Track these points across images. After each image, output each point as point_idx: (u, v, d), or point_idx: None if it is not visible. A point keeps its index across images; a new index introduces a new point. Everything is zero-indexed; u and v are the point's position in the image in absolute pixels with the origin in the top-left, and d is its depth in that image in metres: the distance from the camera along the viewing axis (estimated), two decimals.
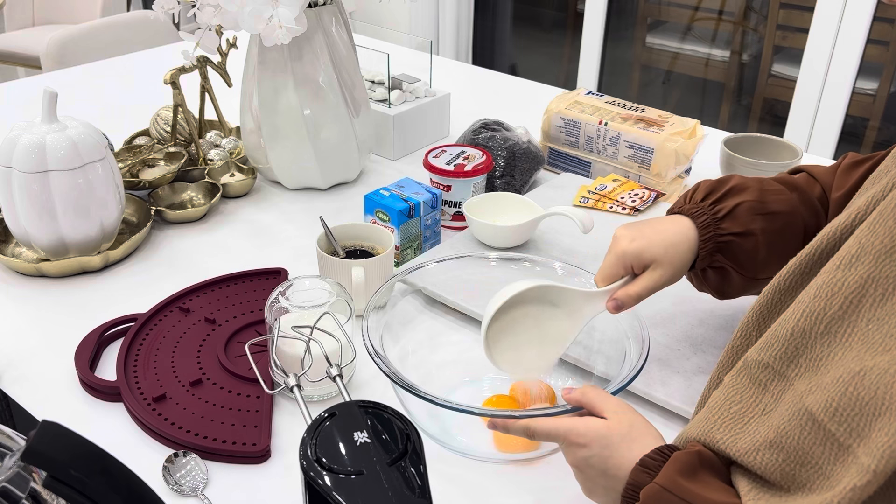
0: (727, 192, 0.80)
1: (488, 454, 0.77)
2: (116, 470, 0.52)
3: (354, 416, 0.56)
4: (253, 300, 0.98)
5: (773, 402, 0.54)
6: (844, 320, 0.51)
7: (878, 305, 0.49)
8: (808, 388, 0.51)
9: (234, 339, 0.91)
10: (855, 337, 0.50)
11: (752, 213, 0.78)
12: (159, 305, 0.95)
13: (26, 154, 0.97)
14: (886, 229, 0.50)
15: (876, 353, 0.48)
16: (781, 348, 0.55)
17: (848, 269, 0.51)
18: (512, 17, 3.64)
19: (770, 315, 0.61)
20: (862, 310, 0.50)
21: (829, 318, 0.52)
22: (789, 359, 0.54)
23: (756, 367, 0.57)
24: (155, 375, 0.85)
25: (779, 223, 0.79)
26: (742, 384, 0.58)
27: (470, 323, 0.94)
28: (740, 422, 0.56)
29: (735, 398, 0.58)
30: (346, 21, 1.20)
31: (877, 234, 0.51)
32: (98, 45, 2.11)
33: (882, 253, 0.50)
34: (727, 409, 0.58)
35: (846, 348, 0.50)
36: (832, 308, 0.52)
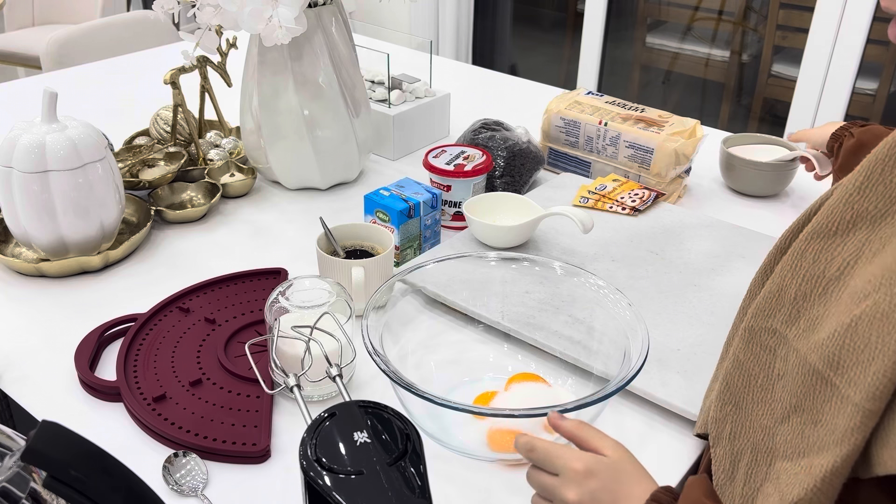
0: None
1: (488, 454, 0.77)
2: (116, 470, 0.52)
3: (354, 416, 0.56)
4: (253, 300, 0.98)
5: (784, 365, 0.57)
6: (840, 280, 0.54)
7: (869, 262, 0.52)
8: (810, 347, 0.53)
9: (234, 339, 0.91)
10: (846, 295, 0.52)
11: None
12: (159, 305, 0.95)
13: (26, 154, 0.97)
14: (878, 194, 0.53)
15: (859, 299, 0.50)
16: (786, 313, 0.57)
17: (846, 235, 0.54)
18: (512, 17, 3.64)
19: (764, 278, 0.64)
20: (857, 269, 0.53)
21: (827, 280, 0.54)
22: (791, 322, 0.57)
23: (765, 333, 0.59)
24: (155, 375, 0.85)
25: None
26: (756, 353, 0.60)
27: (470, 323, 0.94)
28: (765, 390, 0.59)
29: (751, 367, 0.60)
30: (346, 21, 1.20)
31: (869, 199, 0.53)
32: (98, 45, 2.11)
33: (878, 217, 0.52)
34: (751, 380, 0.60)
35: (838, 304, 0.53)
36: (831, 270, 0.54)
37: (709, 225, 1.12)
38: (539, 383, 0.83)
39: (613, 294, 0.84)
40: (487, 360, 0.90)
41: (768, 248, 0.66)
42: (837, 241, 0.55)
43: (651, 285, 0.98)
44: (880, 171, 0.53)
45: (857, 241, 0.54)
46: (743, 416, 0.61)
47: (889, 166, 0.52)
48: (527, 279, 0.91)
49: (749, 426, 0.61)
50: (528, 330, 0.89)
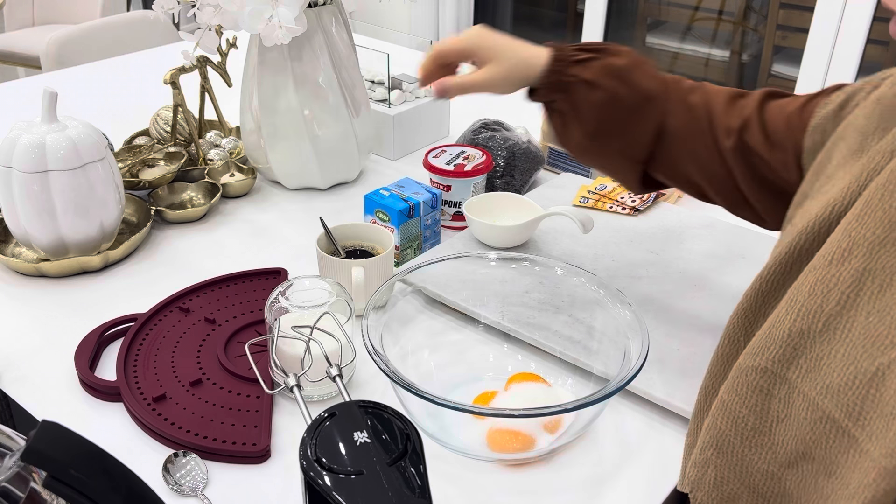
0: (601, 50, 0.78)
1: (488, 454, 0.77)
2: (116, 470, 0.52)
3: (354, 416, 0.56)
4: (253, 300, 0.98)
5: (785, 407, 0.53)
6: (843, 316, 0.50)
7: (877, 297, 0.49)
8: (820, 391, 0.50)
9: (234, 339, 0.91)
10: (855, 331, 0.49)
11: (608, 71, 0.77)
12: (159, 305, 0.95)
13: (26, 154, 0.97)
14: (877, 220, 0.50)
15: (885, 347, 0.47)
16: (779, 351, 0.54)
17: (841, 264, 0.51)
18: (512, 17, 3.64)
19: (756, 318, 0.59)
20: (860, 303, 0.49)
21: (826, 315, 0.51)
22: (788, 361, 0.53)
23: (753, 372, 0.55)
24: (155, 375, 0.85)
25: (633, 98, 0.77)
26: (742, 393, 0.56)
27: (470, 323, 0.94)
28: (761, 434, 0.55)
29: (741, 412, 0.56)
30: (346, 21, 1.20)
31: (867, 225, 0.50)
32: (98, 45, 2.11)
33: (876, 244, 0.49)
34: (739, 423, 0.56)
35: (847, 344, 0.49)
36: (829, 304, 0.51)
37: (709, 225, 1.12)
38: (539, 383, 0.83)
39: (613, 294, 0.84)
40: (487, 360, 0.90)
41: (769, 248, 0.65)
42: (832, 271, 0.51)
43: (651, 285, 0.98)
44: (879, 197, 0.50)
45: (853, 269, 0.50)
46: (731, 461, 0.58)
47: (889, 191, 0.50)
48: (527, 279, 0.91)
49: (741, 471, 0.57)
50: (528, 330, 0.89)
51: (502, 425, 0.77)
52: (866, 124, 0.58)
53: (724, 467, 0.58)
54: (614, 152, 0.81)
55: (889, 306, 0.48)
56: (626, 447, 0.79)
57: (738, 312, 0.61)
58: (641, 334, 0.76)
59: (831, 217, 0.55)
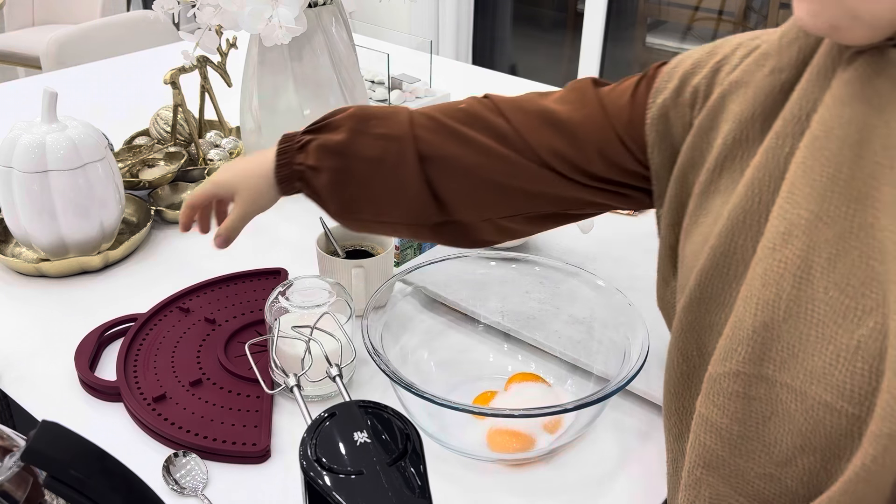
0: (321, 127, 0.77)
1: (488, 454, 0.77)
2: (116, 470, 0.52)
3: (354, 416, 0.56)
4: (253, 300, 0.98)
5: (769, 406, 0.52)
6: (801, 297, 0.49)
7: (829, 271, 0.48)
8: (805, 378, 0.49)
9: (234, 339, 0.91)
10: (820, 310, 0.49)
11: (326, 151, 0.75)
12: (159, 305, 0.95)
13: (26, 154, 0.97)
14: (806, 197, 0.49)
15: (858, 318, 0.47)
16: (748, 350, 0.52)
17: (785, 248, 0.50)
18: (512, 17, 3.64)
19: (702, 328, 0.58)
20: (814, 280, 0.49)
21: (786, 301, 0.50)
22: (760, 357, 0.52)
23: (726, 379, 0.54)
24: (155, 375, 0.85)
25: (365, 166, 0.75)
26: (720, 403, 0.54)
27: (470, 323, 0.94)
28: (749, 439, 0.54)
29: (722, 422, 0.54)
30: (346, 21, 1.20)
31: (799, 204, 0.50)
32: (98, 45, 2.11)
33: (812, 220, 0.49)
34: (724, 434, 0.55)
35: (817, 324, 0.49)
36: (785, 290, 0.50)
37: None
38: (539, 383, 0.83)
39: (613, 294, 0.84)
40: (487, 360, 0.90)
41: None
42: (778, 256, 0.51)
43: (651, 285, 0.98)
44: (802, 175, 0.50)
45: (798, 249, 0.50)
46: (724, 475, 0.56)
47: (809, 167, 0.50)
48: (527, 279, 0.91)
49: (737, 482, 0.55)
50: (528, 330, 0.89)
51: (502, 425, 0.77)
52: (741, 111, 0.57)
53: (718, 483, 0.56)
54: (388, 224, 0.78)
55: (845, 277, 0.48)
56: (626, 447, 0.79)
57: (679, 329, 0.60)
58: (641, 334, 0.76)
59: (753, 206, 0.54)
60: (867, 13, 0.43)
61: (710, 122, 0.61)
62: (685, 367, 0.61)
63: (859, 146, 0.47)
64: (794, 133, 0.52)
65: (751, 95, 0.57)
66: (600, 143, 0.69)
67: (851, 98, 0.48)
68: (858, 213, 0.47)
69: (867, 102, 0.47)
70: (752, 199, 0.54)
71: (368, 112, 0.77)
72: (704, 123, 0.61)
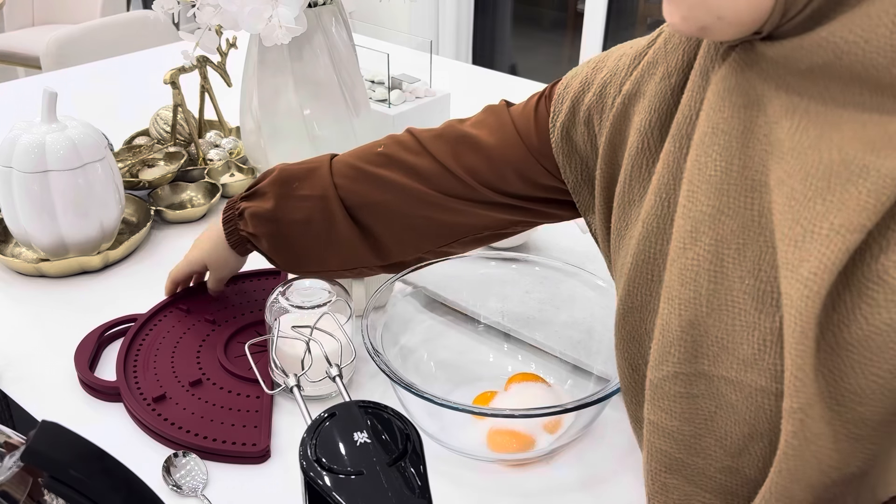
0: (251, 195, 0.83)
1: (488, 454, 0.77)
2: (116, 470, 0.52)
3: (354, 417, 0.56)
4: (253, 300, 0.98)
5: (713, 400, 0.53)
6: (720, 290, 0.50)
7: (740, 261, 0.49)
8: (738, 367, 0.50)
9: (235, 340, 0.91)
10: (740, 299, 0.49)
11: (258, 219, 0.82)
12: (159, 306, 0.95)
13: (26, 154, 0.97)
14: (705, 192, 0.50)
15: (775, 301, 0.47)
16: (680, 350, 0.52)
17: (695, 245, 0.51)
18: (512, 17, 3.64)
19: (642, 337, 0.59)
20: (728, 272, 0.50)
21: (706, 295, 0.51)
22: (693, 355, 0.52)
23: (666, 382, 0.54)
24: (155, 376, 0.85)
25: (297, 229, 0.81)
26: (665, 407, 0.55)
27: (470, 323, 0.94)
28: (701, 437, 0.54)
29: (672, 425, 0.55)
30: (346, 21, 1.20)
31: (699, 201, 0.51)
32: (98, 45, 2.11)
33: (714, 215, 0.50)
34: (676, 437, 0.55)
35: (740, 313, 0.50)
36: (703, 286, 0.51)
37: None
38: (539, 383, 0.83)
39: (613, 294, 0.84)
40: (487, 360, 0.90)
41: None
42: (690, 254, 0.51)
43: None
44: (698, 172, 0.51)
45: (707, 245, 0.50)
46: (688, 476, 0.56)
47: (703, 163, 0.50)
48: (527, 279, 0.91)
49: (702, 480, 0.55)
50: (528, 330, 0.89)
51: (502, 425, 0.77)
52: (640, 121, 0.59)
53: (683, 485, 0.56)
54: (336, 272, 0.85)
55: (756, 264, 0.49)
56: (626, 447, 0.79)
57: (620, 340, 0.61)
58: None
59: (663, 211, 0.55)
60: (729, 12, 0.44)
61: (619, 137, 0.62)
62: (636, 376, 0.61)
63: (744, 137, 0.49)
64: (688, 134, 0.53)
65: (647, 104, 0.59)
66: (516, 164, 0.72)
67: (729, 92, 0.49)
68: (756, 201, 0.48)
69: (744, 94, 0.48)
70: (661, 204, 0.55)
71: (290, 174, 0.82)
72: (614, 139, 0.63)
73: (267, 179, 0.82)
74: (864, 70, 0.41)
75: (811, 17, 0.43)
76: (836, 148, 0.43)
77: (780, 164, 0.46)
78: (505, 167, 0.73)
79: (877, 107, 0.42)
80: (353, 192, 0.79)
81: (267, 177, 0.83)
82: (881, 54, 0.40)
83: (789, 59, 0.45)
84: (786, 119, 0.46)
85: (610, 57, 0.66)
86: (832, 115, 0.44)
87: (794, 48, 0.44)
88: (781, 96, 0.46)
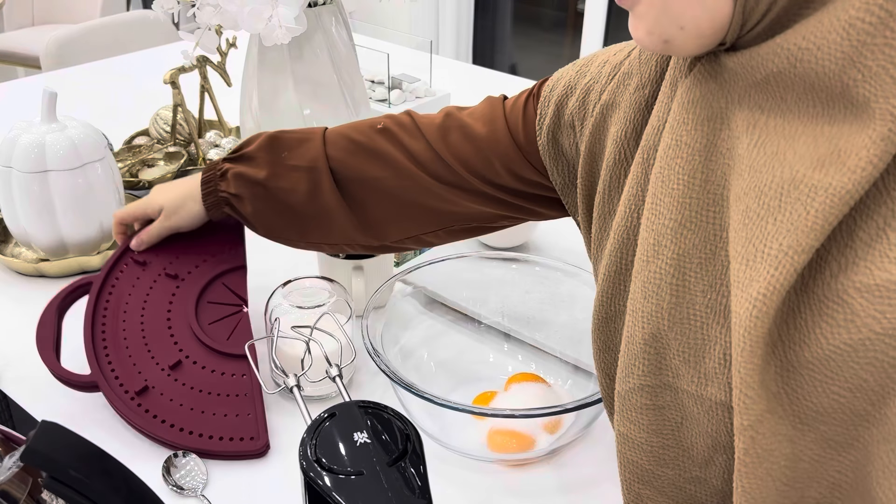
0: (239, 157, 0.81)
1: (488, 454, 0.77)
2: (116, 470, 0.52)
3: (354, 417, 0.56)
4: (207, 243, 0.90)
5: (678, 412, 0.53)
6: (681, 304, 0.50)
7: (702, 276, 0.49)
8: (700, 381, 0.50)
9: (204, 300, 0.86)
10: (700, 313, 0.49)
11: (245, 181, 0.80)
12: (112, 261, 0.87)
13: (26, 154, 0.97)
14: (667, 206, 0.50)
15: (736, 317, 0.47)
16: (643, 363, 0.53)
17: (657, 258, 0.51)
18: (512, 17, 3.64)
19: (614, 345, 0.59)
20: (689, 286, 0.49)
21: (668, 310, 0.50)
22: (657, 367, 0.52)
23: (632, 394, 0.54)
24: (130, 359, 0.80)
25: (283, 196, 0.79)
26: (633, 419, 0.55)
27: (470, 323, 0.94)
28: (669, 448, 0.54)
29: (640, 437, 0.55)
30: (346, 21, 1.20)
31: (662, 214, 0.50)
32: (98, 45, 2.11)
33: (676, 229, 0.49)
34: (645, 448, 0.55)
35: (702, 327, 0.49)
36: (665, 299, 0.50)
37: None
38: (539, 383, 0.83)
39: None
40: (487, 360, 0.90)
41: None
42: (652, 268, 0.51)
43: None
44: (661, 185, 0.50)
45: (669, 258, 0.50)
46: (659, 487, 0.56)
47: (665, 175, 0.50)
48: (527, 279, 0.91)
49: (673, 491, 0.56)
50: (528, 330, 0.89)
51: (502, 425, 0.77)
52: (617, 132, 0.59)
53: (655, 495, 0.57)
54: (315, 244, 0.84)
55: (718, 278, 0.48)
56: None
57: (596, 350, 0.61)
58: None
59: (631, 223, 0.55)
60: (690, 23, 0.44)
61: (598, 146, 0.62)
62: (612, 385, 0.61)
63: (707, 150, 0.48)
64: (654, 145, 0.53)
65: (622, 115, 0.59)
66: (504, 158, 0.72)
67: (693, 104, 0.49)
68: (718, 215, 0.48)
69: (708, 107, 0.48)
70: (630, 216, 0.55)
71: (281, 140, 0.80)
72: (593, 148, 0.63)
73: (255, 144, 0.81)
74: (817, 78, 0.41)
75: (770, 27, 0.43)
76: (789, 166, 0.43)
77: (739, 180, 0.46)
78: (493, 158, 0.72)
79: (828, 118, 0.41)
80: (347, 165, 0.77)
81: (253, 141, 0.81)
82: (832, 61, 0.40)
83: (747, 67, 0.44)
84: (746, 135, 0.46)
85: (594, 62, 0.66)
86: (789, 128, 0.43)
87: (751, 56, 0.44)
88: (744, 110, 0.46)
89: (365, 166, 0.77)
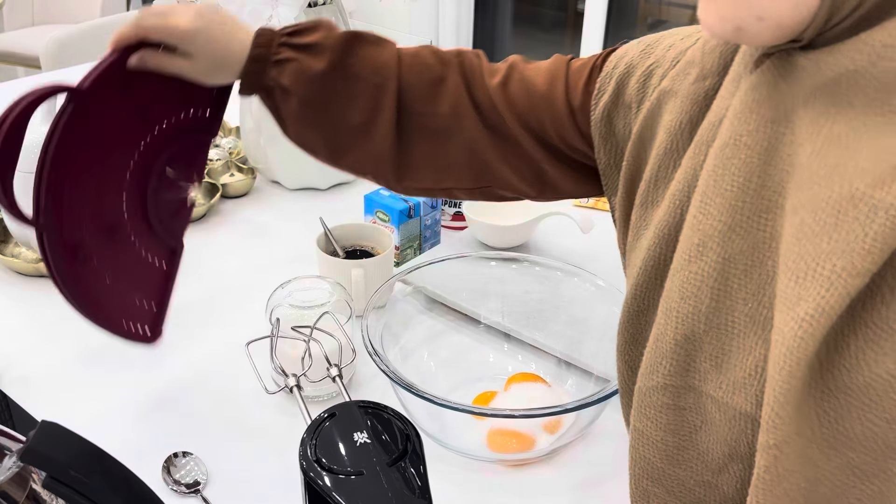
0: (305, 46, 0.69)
1: (488, 454, 0.77)
2: (116, 470, 0.52)
3: (354, 417, 0.56)
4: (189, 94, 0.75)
5: (699, 415, 0.52)
6: (721, 310, 0.49)
7: (745, 282, 0.48)
8: (726, 389, 0.49)
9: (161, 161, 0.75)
10: (740, 322, 0.48)
11: (305, 77, 0.69)
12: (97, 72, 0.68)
13: (26, 154, 0.97)
14: (718, 207, 0.48)
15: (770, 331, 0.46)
16: (671, 363, 0.52)
17: (700, 259, 0.49)
18: (512, 17, 3.64)
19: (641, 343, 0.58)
20: (732, 292, 0.48)
21: (706, 314, 0.50)
22: (684, 369, 0.52)
23: (654, 392, 0.54)
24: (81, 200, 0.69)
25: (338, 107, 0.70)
26: (651, 416, 0.55)
27: (470, 323, 0.94)
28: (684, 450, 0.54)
29: (656, 435, 0.55)
30: (346, 21, 1.20)
31: (711, 215, 0.49)
32: (98, 45, 2.10)
33: (725, 231, 0.48)
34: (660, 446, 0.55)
35: (738, 335, 0.49)
36: (704, 302, 0.49)
37: None
38: (539, 383, 0.83)
39: (613, 294, 0.84)
40: (487, 360, 0.90)
41: None
42: (694, 268, 0.50)
43: None
44: (713, 185, 0.49)
45: (713, 261, 0.49)
46: (667, 486, 0.56)
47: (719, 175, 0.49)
48: (527, 279, 0.91)
49: (680, 491, 0.56)
50: (528, 330, 0.89)
51: (502, 426, 0.77)
52: (671, 121, 0.57)
53: (663, 494, 0.56)
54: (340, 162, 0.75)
55: (761, 288, 0.47)
56: (626, 447, 0.79)
57: (622, 342, 0.60)
58: None
59: (675, 218, 0.53)
60: (772, 12, 0.42)
61: (648, 132, 0.60)
62: (634, 378, 0.60)
63: (767, 154, 0.46)
64: (708, 141, 0.51)
65: (679, 105, 0.56)
66: (556, 121, 0.68)
67: (758, 104, 0.47)
68: (770, 223, 0.47)
69: (774, 108, 0.46)
70: (674, 211, 0.54)
71: (356, 42, 0.70)
72: (644, 133, 0.60)
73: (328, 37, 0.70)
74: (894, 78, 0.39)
75: (857, 23, 0.41)
76: (849, 181, 0.41)
77: (797, 191, 0.44)
78: (545, 116, 0.68)
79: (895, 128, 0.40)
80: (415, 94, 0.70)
81: (322, 29, 0.71)
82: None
83: (820, 64, 0.42)
84: (809, 142, 0.44)
85: (661, 44, 0.63)
86: (853, 138, 0.41)
87: (829, 52, 0.42)
88: (809, 114, 0.44)
89: (431, 98, 0.70)
